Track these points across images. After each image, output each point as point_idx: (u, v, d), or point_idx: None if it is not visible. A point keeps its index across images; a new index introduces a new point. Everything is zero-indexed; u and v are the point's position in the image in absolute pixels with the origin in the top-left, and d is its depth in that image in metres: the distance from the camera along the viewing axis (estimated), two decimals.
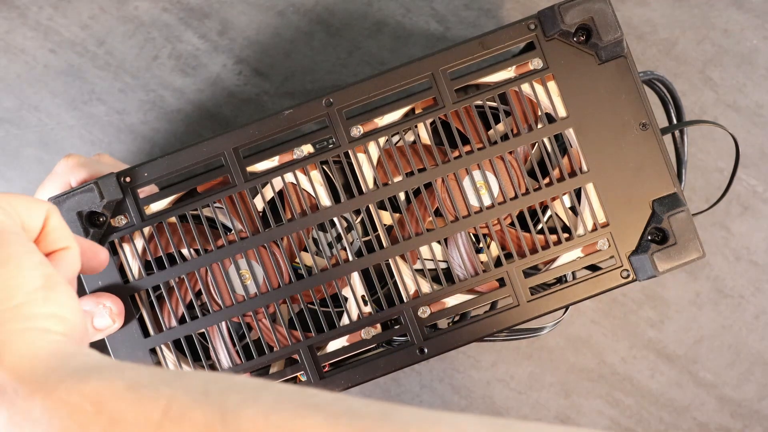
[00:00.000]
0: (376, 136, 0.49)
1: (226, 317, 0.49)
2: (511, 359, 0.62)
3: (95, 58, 0.63)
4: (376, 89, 0.49)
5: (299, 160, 0.50)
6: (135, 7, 0.63)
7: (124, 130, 0.63)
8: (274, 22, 0.63)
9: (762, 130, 0.63)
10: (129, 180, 0.49)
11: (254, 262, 0.49)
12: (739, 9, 0.63)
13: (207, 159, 0.49)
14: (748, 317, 0.62)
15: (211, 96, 0.63)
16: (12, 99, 0.63)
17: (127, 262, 0.49)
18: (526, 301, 0.50)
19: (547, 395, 0.62)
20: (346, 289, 0.50)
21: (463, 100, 0.50)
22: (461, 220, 0.50)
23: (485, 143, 0.49)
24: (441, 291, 0.50)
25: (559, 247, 0.50)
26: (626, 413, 0.62)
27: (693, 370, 0.62)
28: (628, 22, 0.63)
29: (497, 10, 0.63)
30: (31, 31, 0.63)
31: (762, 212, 0.63)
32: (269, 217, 0.49)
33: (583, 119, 0.50)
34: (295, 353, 0.50)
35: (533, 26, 0.49)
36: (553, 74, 0.49)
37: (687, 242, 0.48)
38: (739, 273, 0.62)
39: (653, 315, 0.62)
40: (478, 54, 0.49)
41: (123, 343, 0.49)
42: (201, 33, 0.63)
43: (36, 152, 0.63)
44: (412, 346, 0.49)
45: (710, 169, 0.63)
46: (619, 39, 0.49)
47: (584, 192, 0.50)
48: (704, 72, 0.63)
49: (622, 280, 0.50)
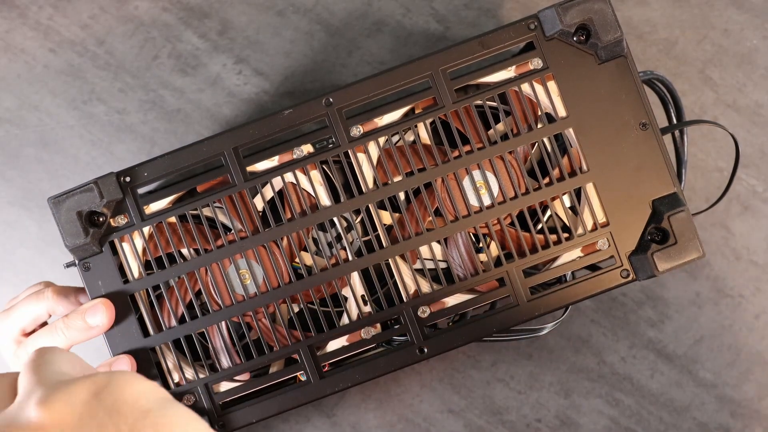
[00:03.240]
0: (375, 135, 0.49)
1: (226, 317, 0.49)
2: (511, 359, 0.62)
3: (95, 58, 0.63)
4: (376, 89, 0.49)
5: (299, 160, 0.50)
6: (135, 6, 0.63)
7: (124, 129, 0.63)
8: (274, 21, 0.63)
9: (762, 129, 0.63)
10: (129, 179, 0.49)
11: (254, 261, 0.49)
12: (738, 9, 0.63)
13: (207, 158, 0.49)
14: (748, 317, 0.62)
15: (211, 96, 0.63)
16: (12, 99, 0.63)
17: (126, 261, 0.49)
18: (526, 301, 0.50)
19: (547, 395, 0.62)
20: (346, 289, 0.50)
21: (462, 99, 0.49)
22: (461, 220, 0.49)
23: (485, 143, 0.49)
24: (441, 291, 0.50)
25: (559, 246, 0.50)
26: (626, 413, 0.62)
27: (693, 370, 0.62)
28: (627, 22, 0.63)
29: (497, 10, 0.63)
30: (31, 31, 0.63)
31: (762, 212, 0.63)
32: (269, 216, 0.49)
33: (583, 119, 0.50)
34: (294, 353, 0.50)
35: (533, 26, 0.49)
36: (553, 74, 0.49)
37: (687, 242, 0.48)
38: (739, 273, 0.62)
39: (653, 315, 0.62)
40: (477, 54, 0.49)
41: (123, 343, 0.49)
42: (201, 33, 0.63)
43: (36, 152, 0.63)
44: (412, 345, 0.49)
45: (710, 168, 0.63)
46: (618, 39, 0.49)
47: (584, 192, 0.50)
48: (704, 72, 0.63)
49: (622, 279, 0.50)
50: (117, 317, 0.49)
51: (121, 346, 0.49)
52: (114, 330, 0.49)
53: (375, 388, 0.62)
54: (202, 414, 0.49)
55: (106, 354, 0.50)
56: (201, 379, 0.49)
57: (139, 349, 0.49)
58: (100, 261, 0.49)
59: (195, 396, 0.49)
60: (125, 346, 0.49)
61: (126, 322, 0.49)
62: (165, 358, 0.50)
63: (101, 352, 0.50)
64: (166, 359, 0.50)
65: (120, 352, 0.49)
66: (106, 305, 0.48)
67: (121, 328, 0.49)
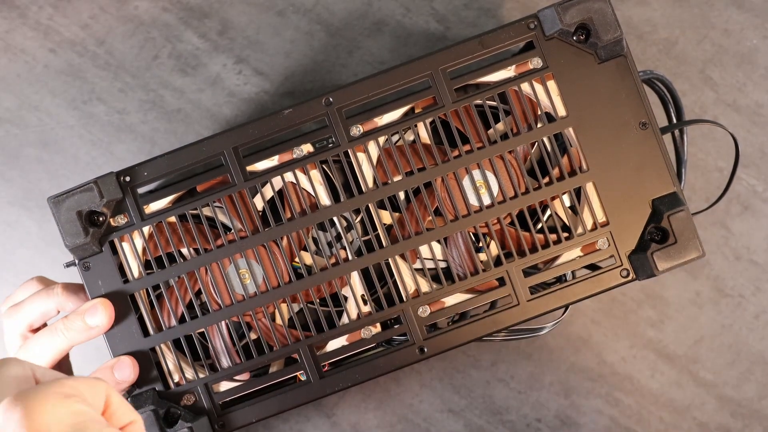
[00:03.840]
0: (375, 135, 0.49)
1: (226, 317, 0.49)
2: (511, 359, 0.62)
3: (95, 58, 0.63)
4: (376, 89, 0.49)
5: (299, 160, 0.50)
6: (135, 6, 0.63)
7: (124, 129, 0.63)
8: (274, 21, 0.63)
9: (762, 129, 0.63)
10: (129, 179, 0.49)
11: (254, 261, 0.49)
12: (739, 8, 0.63)
13: (207, 158, 0.49)
14: (748, 317, 0.62)
15: (211, 95, 0.63)
16: (12, 99, 0.63)
17: (126, 261, 0.49)
18: (526, 301, 0.50)
19: (547, 395, 0.62)
20: (346, 289, 0.50)
21: (462, 99, 0.50)
22: (461, 220, 0.49)
23: (485, 142, 0.49)
24: (441, 290, 0.50)
25: (559, 246, 0.50)
26: (626, 413, 0.62)
27: (693, 370, 0.62)
28: (627, 22, 0.63)
29: (497, 10, 0.63)
30: (31, 31, 0.63)
31: (762, 212, 0.63)
32: (269, 216, 0.49)
33: (583, 118, 0.50)
34: (294, 353, 0.50)
35: (533, 25, 0.49)
36: (553, 73, 0.49)
37: (687, 241, 0.48)
38: (739, 272, 0.62)
39: (653, 314, 0.62)
40: (477, 53, 0.49)
41: (123, 343, 0.49)
42: (201, 32, 0.63)
43: (36, 152, 0.63)
44: (412, 345, 0.49)
45: (710, 168, 0.63)
46: (618, 38, 0.49)
47: (584, 191, 0.50)
48: (704, 71, 0.63)
49: (621, 279, 0.50)
50: (117, 317, 0.49)
51: (121, 346, 0.49)
52: (114, 330, 0.49)
53: (375, 387, 0.62)
54: (202, 414, 0.49)
55: (107, 354, 0.50)
56: (201, 378, 0.49)
57: (139, 349, 0.49)
58: (100, 261, 0.49)
59: (195, 396, 0.49)
60: (125, 346, 0.49)
61: (126, 322, 0.49)
62: (165, 358, 0.50)
63: (101, 352, 0.50)
64: (166, 359, 0.50)
65: (120, 352, 0.49)
66: (105, 305, 0.48)
67: (121, 327, 0.49)
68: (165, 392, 0.49)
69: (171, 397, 0.49)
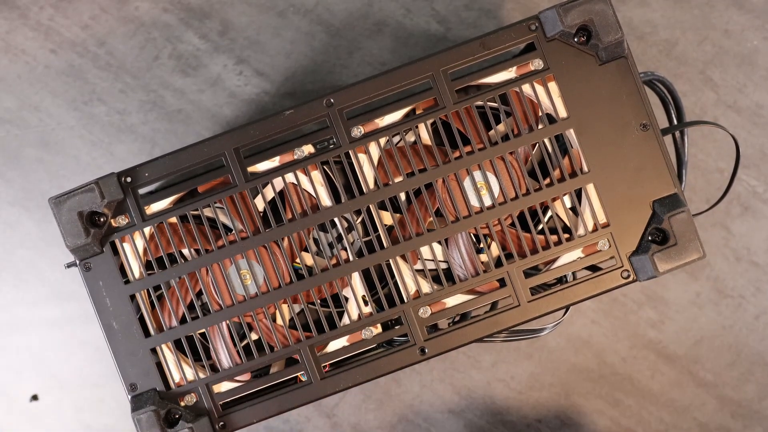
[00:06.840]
0: (376, 136, 0.49)
1: (227, 317, 0.49)
2: (511, 359, 0.62)
3: (96, 59, 0.63)
4: (377, 90, 0.49)
5: (300, 161, 0.50)
6: (136, 7, 0.63)
7: (125, 130, 0.63)
8: (274, 22, 0.63)
9: (762, 130, 0.63)
10: (130, 180, 0.49)
11: (255, 262, 0.50)
12: (739, 9, 0.63)
13: (208, 159, 0.49)
14: (749, 318, 0.62)
15: (212, 96, 0.63)
16: (12, 99, 0.63)
17: (127, 262, 0.49)
18: (527, 302, 0.50)
19: (547, 395, 0.62)
20: (347, 289, 0.50)
21: (463, 100, 0.50)
22: (462, 221, 0.50)
23: (486, 144, 0.49)
24: (441, 291, 0.50)
25: (560, 247, 0.50)
26: (626, 413, 0.62)
27: (693, 371, 0.62)
28: (628, 23, 0.63)
29: (498, 11, 0.63)
30: (31, 32, 0.63)
31: (762, 212, 0.63)
32: (270, 217, 0.49)
33: (584, 120, 0.50)
34: (295, 353, 0.50)
35: (534, 27, 0.49)
36: (554, 75, 0.49)
37: (687, 243, 0.48)
38: (740, 273, 0.62)
39: (654, 315, 0.62)
40: (478, 54, 0.49)
41: (124, 343, 0.49)
42: (201, 33, 0.63)
43: (36, 152, 0.63)
44: (413, 346, 0.49)
45: (711, 169, 0.63)
46: (619, 40, 0.49)
47: (585, 192, 0.50)
48: (705, 72, 0.63)
49: (622, 280, 0.50)
50: (118, 317, 0.49)
51: (123, 347, 0.49)
52: (115, 330, 0.49)
53: (375, 388, 0.62)
54: (203, 414, 0.49)
55: (107, 354, 0.50)
56: (202, 379, 0.49)
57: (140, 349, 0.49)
58: (101, 261, 0.49)
59: (196, 396, 0.49)
60: (126, 346, 0.49)
61: (127, 322, 0.49)
62: (166, 359, 0.50)
63: (102, 352, 0.50)
64: (167, 359, 0.50)
65: (121, 352, 0.49)
66: None
67: (121, 328, 0.49)
68: (166, 392, 0.49)
69: (172, 398, 0.49)
